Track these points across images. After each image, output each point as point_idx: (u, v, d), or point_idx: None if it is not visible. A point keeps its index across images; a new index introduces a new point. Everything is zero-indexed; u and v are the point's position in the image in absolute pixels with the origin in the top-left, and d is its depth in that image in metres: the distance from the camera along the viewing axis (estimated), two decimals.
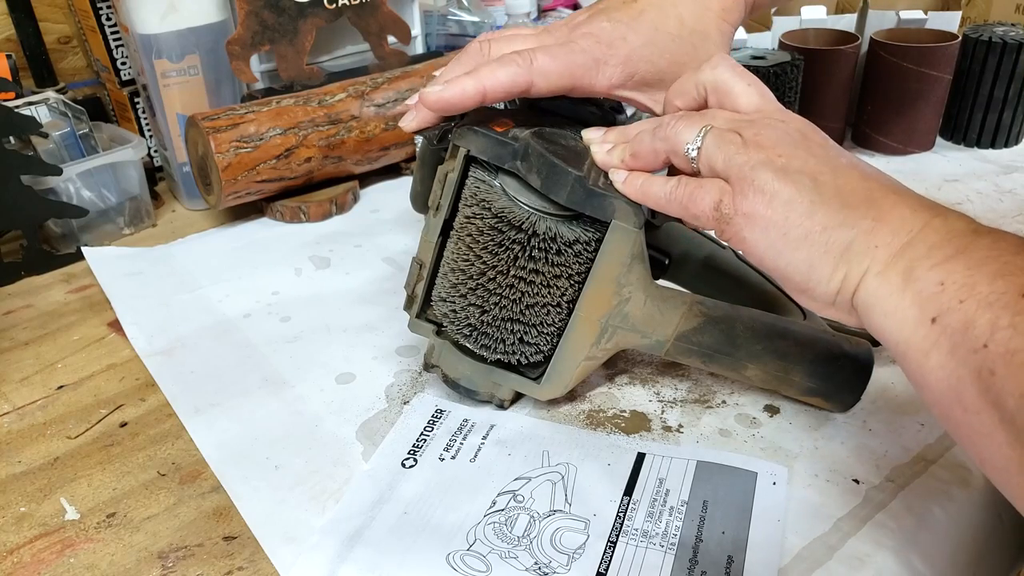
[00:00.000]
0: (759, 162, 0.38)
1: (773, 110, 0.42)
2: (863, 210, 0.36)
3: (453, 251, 0.48)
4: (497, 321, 0.48)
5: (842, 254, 0.36)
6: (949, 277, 0.33)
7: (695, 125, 0.42)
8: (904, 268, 0.35)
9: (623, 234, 0.45)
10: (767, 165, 0.38)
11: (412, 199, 0.61)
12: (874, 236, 0.36)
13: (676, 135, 0.42)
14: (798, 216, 0.37)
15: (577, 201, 0.44)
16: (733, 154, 0.39)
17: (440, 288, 0.49)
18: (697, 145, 0.41)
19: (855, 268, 0.36)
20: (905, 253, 0.35)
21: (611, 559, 0.42)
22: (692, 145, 0.41)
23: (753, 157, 0.38)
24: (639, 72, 0.49)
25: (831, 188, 0.37)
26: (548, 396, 0.50)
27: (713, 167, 0.40)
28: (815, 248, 0.37)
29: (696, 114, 0.43)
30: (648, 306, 0.47)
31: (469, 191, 0.47)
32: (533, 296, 0.47)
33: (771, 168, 0.38)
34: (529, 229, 0.45)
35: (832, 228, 0.37)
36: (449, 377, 0.52)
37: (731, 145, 0.39)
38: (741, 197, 0.38)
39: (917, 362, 0.34)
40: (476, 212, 0.46)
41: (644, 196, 0.43)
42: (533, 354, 0.49)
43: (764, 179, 0.38)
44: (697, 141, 0.41)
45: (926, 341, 0.33)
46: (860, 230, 0.36)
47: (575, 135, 0.48)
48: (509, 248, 0.46)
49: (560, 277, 0.46)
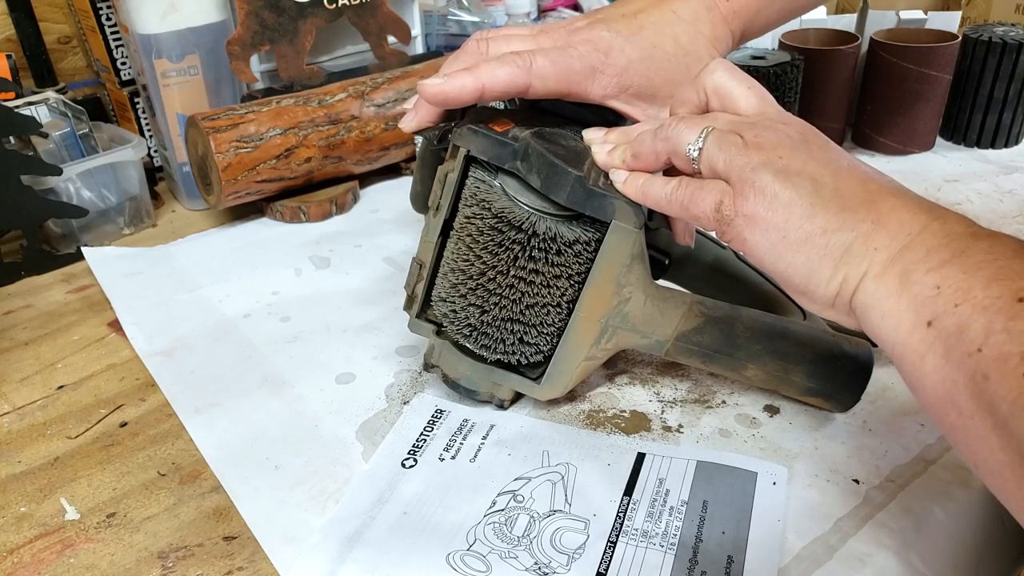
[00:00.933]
0: (760, 163, 0.38)
1: (773, 112, 0.42)
2: (863, 213, 0.37)
3: (453, 251, 0.48)
4: (497, 321, 0.48)
5: (841, 256, 0.37)
6: (945, 281, 0.33)
7: (696, 127, 0.42)
8: (901, 271, 0.35)
9: (623, 234, 0.45)
10: (768, 167, 0.38)
11: (412, 199, 0.61)
12: (873, 239, 0.36)
13: (678, 136, 0.42)
14: (798, 218, 0.37)
15: (577, 201, 0.44)
16: (734, 155, 0.39)
17: (440, 288, 0.49)
18: (699, 146, 0.41)
19: (854, 270, 0.36)
20: (903, 256, 0.35)
21: (611, 559, 0.42)
22: (693, 146, 0.41)
23: (754, 159, 0.39)
24: (633, 85, 0.49)
25: (831, 190, 0.37)
26: (548, 396, 0.50)
27: (714, 168, 0.40)
28: (815, 250, 0.37)
29: (698, 116, 0.43)
30: (648, 306, 0.47)
31: (469, 191, 0.47)
32: (533, 296, 0.47)
33: (772, 170, 0.38)
34: (529, 229, 0.45)
35: (832, 231, 0.37)
36: (449, 377, 0.52)
37: (732, 147, 0.40)
38: (742, 199, 0.38)
39: (913, 365, 0.34)
40: (476, 212, 0.46)
41: (644, 196, 0.44)
42: (533, 354, 0.49)
43: (765, 181, 0.38)
44: (699, 142, 0.41)
45: (922, 344, 0.33)
46: (859, 233, 0.36)
47: (575, 135, 0.48)
48: (509, 248, 0.46)
49: (560, 277, 0.46)
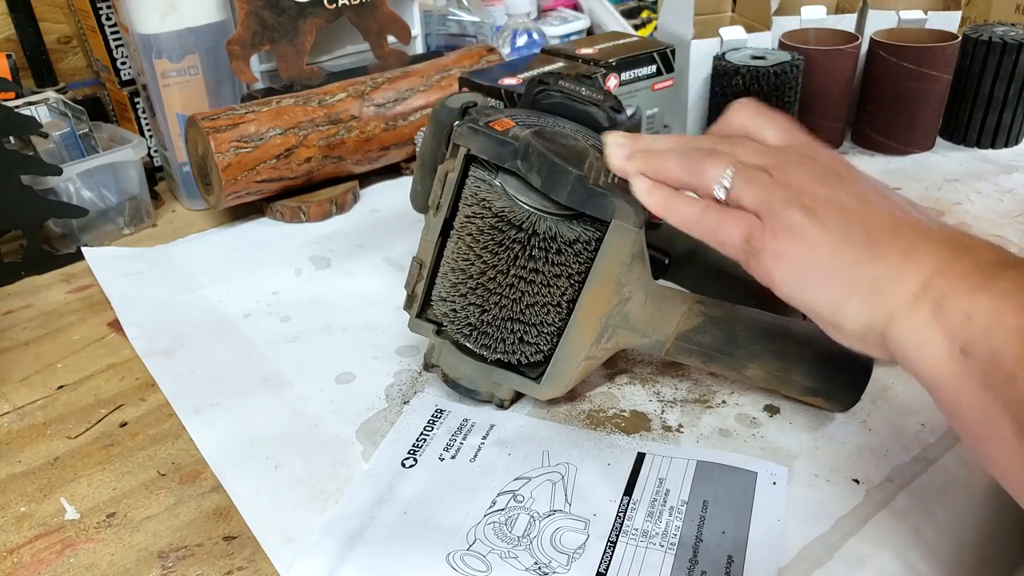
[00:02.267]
0: (788, 200, 0.38)
1: (801, 143, 0.42)
2: (891, 245, 0.36)
3: (453, 250, 0.48)
4: (497, 320, 0.48)
5: (870, 290, 0.36)
6: (976, 309, 0.33)
7: (722, 162, 0.42)
8: (933, 302, 0.34)
9: (623, 233, 0.45)
10: (795, 203, 0.38)
11: (412, 199, 0.61)
12: (902, 271, 0.36)
13: (704, 171, 0.42)
14: (826, 253, 0.37)
15: (578, 200, 0.44)
16: (762, 192, 0.39)
17: (440, 288, 0.49)
18: (725, 185, 0.41)
19: (884, 304, 0.36)
20: (933, 287, 0.35)
21: (611, 559, 0.42)
22: (720, 186, 0.41)
23: (782, 195, 0.39)
24: None
25: (859, 224, 0.37)
26: (548, 396, 0.50)
27: (742, 204, 0.40)
28: (843, 285, 0.37)
29: (725, 143, 0.43)
30: (648, 306, 0.47)
31: (469, 190, 0.47)
32: (533, 295, 0.47)
33: (799, 206, 0.38)
34: (529, 228, 0.45)
35: (860, 264, 0.36)
36: (449, 377, 0.52)
37: (760, 184, 0.40)
38: (771, 234, 0.38)
39: (950, 396, 0.34)
40: (476, 211, 0.46)
41: (668, 212, 0.43)
42: (533, 354, 0.49)
43: (793, 218, 0.38)
44: (725, 181, 0.41)
45: (958, 374, 0.33)
46: (888, 265, 0.36)
47: (576, 135, 0.48)
48: (509, 247, 0.46)
49: (560, 276, 0.46)
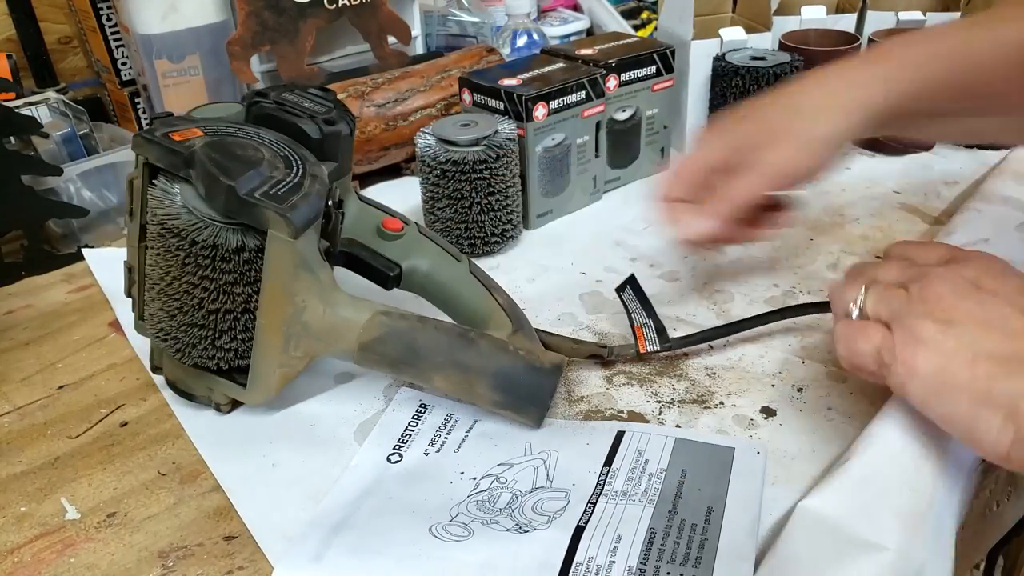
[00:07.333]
0: (921, 314, 0.38)
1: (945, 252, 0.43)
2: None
3: (145, 257, 0.50)
4: (183, 327, 0.48)
5: (1011, 405, 0.35)
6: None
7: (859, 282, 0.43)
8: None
9: (280, 244, 0.45)
10: (929, 316, 0.38)
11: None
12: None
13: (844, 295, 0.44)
14: (960, 367, 0.37)
15: (233, 210, 0.45)
16: (895, 307, 0.40)
17: (146, 293, 0.51)
18: (860, 304, 0.42)
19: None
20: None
21: (591, 516, 0.42)
22: (855, 306, 0.42)
23: (916, 309, 0.39)
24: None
25: (997, 337, 0.37)
26: (255, 401, 0.51)
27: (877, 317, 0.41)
28: (978, 399, 0.36)
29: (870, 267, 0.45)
30: (328, 315, 0.48)
31: (151, 198, 0.48)
32: (212, 302, 0.47)
33: (933, 320, 0.38)
34: (188, 237, 0.46)
35: (997, 379, 0.36)
36: (169, 379, 0.53)
37: (892, 299, 0.40)
38: (902, 346, 0.38)
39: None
40: (149, 219, 0.48)
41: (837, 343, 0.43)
42: (233, 359, 0.49)
43: (926, 331, 0.38)
44: (860, 300, 0.42)
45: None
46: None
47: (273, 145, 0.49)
48: (175, 255, 0.47)
49: (237, 284, 0.47)
